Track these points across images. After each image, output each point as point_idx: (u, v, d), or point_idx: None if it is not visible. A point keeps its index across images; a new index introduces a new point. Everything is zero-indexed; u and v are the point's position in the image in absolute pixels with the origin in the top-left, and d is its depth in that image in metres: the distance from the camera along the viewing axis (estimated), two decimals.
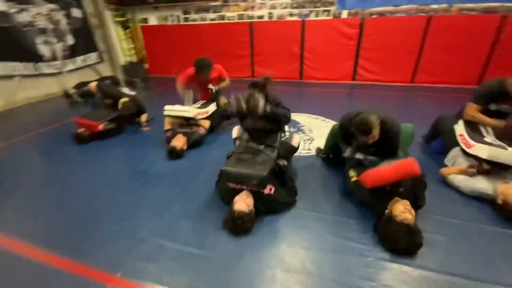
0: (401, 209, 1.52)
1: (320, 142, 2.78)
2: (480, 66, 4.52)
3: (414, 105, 4.00)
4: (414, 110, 3.78)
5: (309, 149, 2.67)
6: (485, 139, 1.96)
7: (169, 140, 2.74)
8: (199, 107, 2.95)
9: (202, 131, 2.83)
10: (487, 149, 1.82)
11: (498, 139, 1.95)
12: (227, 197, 1.81)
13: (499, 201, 1.68)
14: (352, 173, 1.87)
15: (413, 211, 1.52)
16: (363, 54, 4.98)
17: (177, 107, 2.81)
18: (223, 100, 3.13)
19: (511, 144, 1.85)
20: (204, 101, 3.11)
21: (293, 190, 1.90)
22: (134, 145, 2.95)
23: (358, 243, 1.54)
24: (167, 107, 2.83)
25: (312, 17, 5.11)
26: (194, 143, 2.75)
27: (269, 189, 1.76)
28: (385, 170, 1.57)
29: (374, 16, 4.79)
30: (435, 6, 4.48)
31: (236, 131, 2.26)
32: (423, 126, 2.57)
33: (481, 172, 1.84)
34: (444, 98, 4.20)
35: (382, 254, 1.45)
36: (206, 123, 2.92)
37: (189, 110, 2.77)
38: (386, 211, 1.61)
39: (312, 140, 2.85)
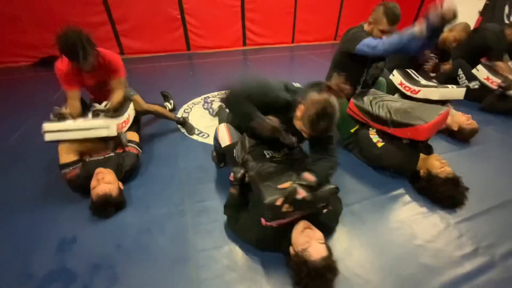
0: (439, 165, 1.55)
1: None
2: (335, 23, 5.45)
3: (308, 63, 4.34)
4: (310, 67, 4.10)
5: None
6: (422, 83, 2.33)
7: (75, 183, 1.48)
8: (111, 115, 1.67)
9: (136, 149, 1.70)
10: (435, 91, 2.16)
11: (426, 80, 2.37)
12: (272, 241, 1.20)
13: (455, 128, 2.08)
14: (375, 138, 1.72)
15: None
16: (249, 16, 4.70)
17: (70, 123, 1.48)
18: (137, 99, 1.96)
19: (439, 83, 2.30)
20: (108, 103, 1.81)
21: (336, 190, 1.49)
22: None
23: (430, 212, 1.47)
24: (48, 126, 1.44)
25: None
26: (129, 173, 1.64)
27: None
28: (439, 122, 1.55)
29: None
30: None
31: (227, 133, 1.45)
32: None
33: None
34: (320, 54, 4.81)
35: (451, 214, 1.46)
36: (134, 136, 1.78)
37: (102, 125, 1.52)
38: (422, 171, 1.60)
39: None
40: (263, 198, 1.09)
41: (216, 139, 1.55)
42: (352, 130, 1.90)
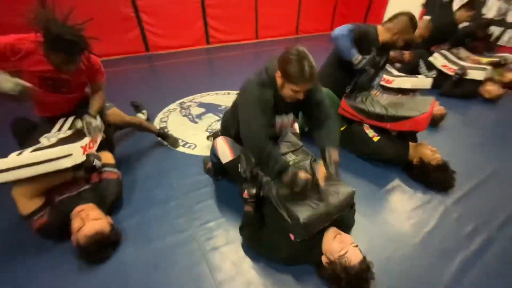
0: (430, 153, 1.66)
1: None
2: (295, 18, 5.53)
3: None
4: None
5: None
6: (394, 73, 2.47)
7: (46, 230, 1.20)
8: (69, 136, 1.35)
9: (115, 174, 1.45)
10: (408, 81, 2.31)
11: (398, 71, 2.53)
12: (303, 254, 1.16)
13: None
14: (371, 133, 1.76)
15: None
16: (210, 13, 4.48)
17: (21, 158, 1.12)
18: (115, 112, 1.70)
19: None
20: (65, 120, 1.47)
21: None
22: None
23: (428, 197, 1.57)
24: None
25: None
26: (114, 203, 1.41)
27: None
28: (430, 112, 1.67)
29: None
30: None
31: (227, 147, 1.33)
32: None
33: None
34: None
35: (446, 196, 1.59)
36: (108, 157, 1.51)
37: (62, 153, 1.18)
38: (415, 160, 1.70)
39: None
40: (296, 217, 1.05)
41: (214, 153, 1.43)
42: (342, 129, 1.93)
